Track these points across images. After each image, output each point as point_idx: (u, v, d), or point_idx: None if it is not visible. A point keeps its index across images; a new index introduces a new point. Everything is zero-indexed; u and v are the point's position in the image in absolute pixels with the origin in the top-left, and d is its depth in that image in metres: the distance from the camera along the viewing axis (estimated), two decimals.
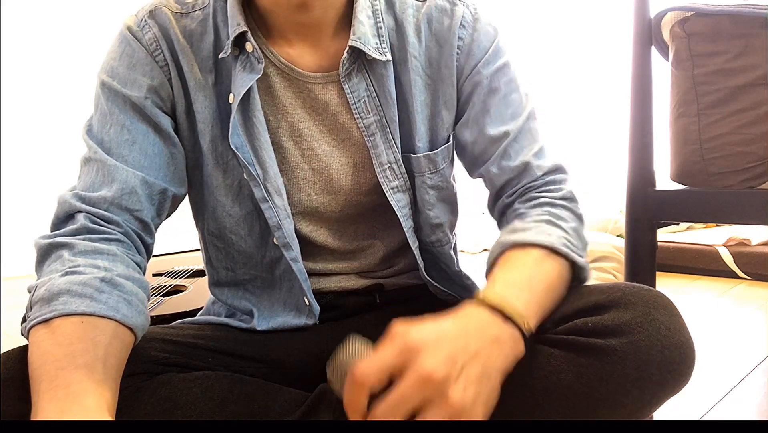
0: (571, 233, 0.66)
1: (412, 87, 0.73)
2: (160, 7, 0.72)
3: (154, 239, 0.72)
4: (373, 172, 0.75)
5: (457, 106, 0.76)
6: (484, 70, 0.74)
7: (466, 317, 0.55)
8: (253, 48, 0.68)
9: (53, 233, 0.64)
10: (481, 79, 0.74)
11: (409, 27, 0.73)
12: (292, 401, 0.66)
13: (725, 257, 2.27)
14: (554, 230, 0.65)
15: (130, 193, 0.67)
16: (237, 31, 0.68)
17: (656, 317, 0.58)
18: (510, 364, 0.55)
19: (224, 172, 0.74)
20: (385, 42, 0.72)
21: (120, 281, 0.60)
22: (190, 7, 0.72)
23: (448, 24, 0.74)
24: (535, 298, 0.59)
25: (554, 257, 0.63)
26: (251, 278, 0.80)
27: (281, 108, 0.73)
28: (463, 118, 0.76)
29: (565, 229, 0.66)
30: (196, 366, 0.68)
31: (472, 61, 0.74)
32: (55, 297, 0.56)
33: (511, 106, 0.75)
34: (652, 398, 0.58)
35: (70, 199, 0.66)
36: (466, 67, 0.74)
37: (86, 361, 0.53)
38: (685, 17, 0.97)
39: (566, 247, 0.64)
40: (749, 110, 0.93)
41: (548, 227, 0.66)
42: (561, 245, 0.63)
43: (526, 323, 0.56)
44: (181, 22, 0.72)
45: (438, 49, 0.74)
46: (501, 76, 0.75)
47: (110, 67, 0.71)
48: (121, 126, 0.69)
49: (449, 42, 0.74)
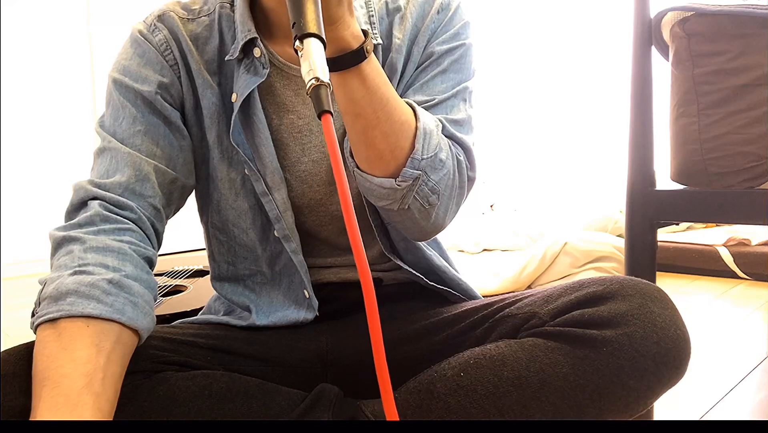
0: (436, 132, 0.67)
1: (397, 71, 0.76)
2: (168, 12, 0.76)
3: (164, 228, 0.73)
4: None
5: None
6: (438, 47, 0.76)
7: None
8: (261, 53, 0.71)
9: (67, 223, 0.66)
10: (432, 52, 0.76)
11: (398, 14, 0.77)
12: (290, 400, 0.66)
13: (725, 257, 2.27)
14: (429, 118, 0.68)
15: (143, 179, 0.69)
16: (248, 37, 0.71)
17: (652, 309, 0.59)
18: None
19: (228, 167, 0.76)
20: (376, 29, 0.75)
21: (127, 283, 0.61)
22: (196, 13, 0.77)
23: (428, 10, 0.77)
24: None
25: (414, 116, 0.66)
26: (252, 273, 0.80)
27: (282, 106, 0.75)
28: (406, 85, 0.77)
29: (433, 128, 0.67)
30: (194, 365, 0.68)
31: (434, 40, 0.77)
32: (62, 297, 0.58)
33: (446, 82, 0.75)
34: (648, 389, 0.59)
35: (86, 185, 0.68)
36: (428, 46, 0.77)
37: (88, 370, 0.54)
38: (685, 17, 0.97)
39: (426, 126, 0.66)
40: (749, 110, 0.93)
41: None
42: (426, 118, 0.66)
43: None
44: (188, 26, 0.76)
45: (414, 32, 0.77)
46: (450, 56, 0.76)
47: (122, 66, 0.74)
48: (133, 118, 0.72)
49: (426, 25, 0.76)
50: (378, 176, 0.66)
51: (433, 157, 0.66)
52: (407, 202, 0.67)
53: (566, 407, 0.59)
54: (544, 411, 0.60)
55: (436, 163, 0.66)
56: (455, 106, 0.74)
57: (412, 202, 0.67)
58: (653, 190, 0.98)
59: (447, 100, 0.74)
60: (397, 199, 0.67)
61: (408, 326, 0.75)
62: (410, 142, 0.65)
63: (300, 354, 0.75)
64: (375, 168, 0.66)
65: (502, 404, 0.61)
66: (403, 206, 0.67)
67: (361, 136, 0.64)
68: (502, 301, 0.71)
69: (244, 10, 0.73)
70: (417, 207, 0.68)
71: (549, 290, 0.68)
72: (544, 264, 2.10)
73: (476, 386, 0.62)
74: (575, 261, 2.11)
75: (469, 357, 0.64)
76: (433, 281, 0.81)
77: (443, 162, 0.67)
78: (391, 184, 0.66)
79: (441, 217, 0.70)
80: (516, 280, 2.08)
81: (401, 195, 0.66)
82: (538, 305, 0.66)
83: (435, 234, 0.73)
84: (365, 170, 0.67)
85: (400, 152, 0.65)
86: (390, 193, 0.66)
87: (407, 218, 0.69)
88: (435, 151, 0.66)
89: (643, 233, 0.99)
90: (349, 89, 0.61)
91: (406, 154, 0.65)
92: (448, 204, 0.70)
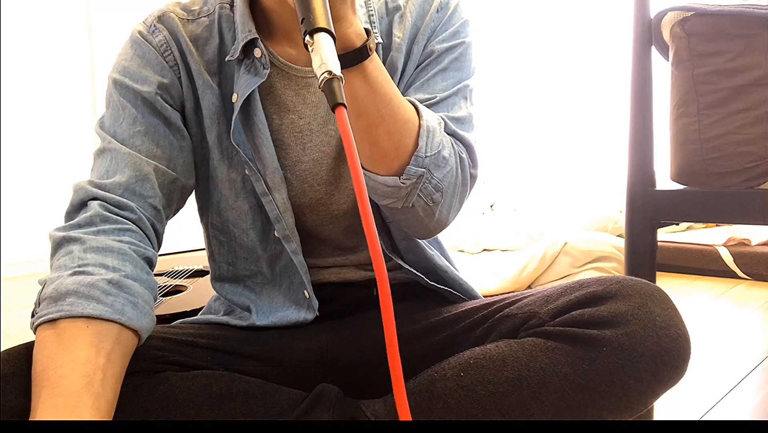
0: (439, 130, 0.68)
1: (397, 69, 0.76)
2: (168, 13, 0.76)
3: (164, 229, 0.73)
4: None
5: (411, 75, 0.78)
6: (438, 46, 0.77)
7: None
8: (262, 54, 0.71)
9: (67, 223, 0.66)
10: (433, 51, 0.77)
11: (397, 13, 0.77)
12: (290, 400, 0.66)
13: (725, 257, 2.27)
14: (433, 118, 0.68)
15: (143, 179, 0.69)
16: (248, 38, 0.71)
17: (652, 309, 0.59)
18: None
19: (229, 167, 0.76)
20: (376, 28, 0.75)
21: (127, 283, 0.61)
22: (195, 14, 0.76)
23: (427, 9, 0.77)
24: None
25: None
26: (252, 274, 0.80)
27: (283, 107, 0.75)
28: (406, 84, 0.78)
29: (436, 125, 0.68)
30: (194, 365, 0.68)
31: (434, 38, 0.77)
32: (62, 297, 0.57)
33: (447, 81, 0.76)
34: (648, 389, 0.59)
35: (86, 186, 0.68)
36: (428, 45, 0.77)
37: (87, 371, 0.54)
38: (685, 17, 0.97)
39: (429, 124, 0.66)
40: (749, 110, 0.93)
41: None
42: (429, 116, 0.67)
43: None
44: (188, 27, 0.75)
45: (414, 30, 0.77)
46: (450, 54, 0.77)
47: (122, 67, 0.74)
48: (133, 118, 0.71)
49: (426, 24, 0.77)
50: (382, 174, 0.66)
51: (436, 155, 0.66)
52: (411, 201, 0.67)
53: (566, 407, 0.59)
54: (544, 411, 0.60)
55: (439, 160, 0.67)
56: (456, 103, 0.75)
57: (416, 200, 0.67)
58: (653, 190, 0.98)
59: (448, 98, 0.74)
60: (401, 198, 0.67)
61: (408, 326, 0.75)
62: (414, 140, 0.65)
63: (300, 354, 0.75)
64: (379, 166, 0.66)
65: (502, 404, 0.61)
66: (407, 204, 0.68)
67: (364, 135, 0.64)
68: (502, 301, 0.71)
69: (244, 10, 0.73)
70: (421, 205, 0.68)
71: (549, 289, 0.68)
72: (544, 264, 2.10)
73: (476, 386, 0.62)
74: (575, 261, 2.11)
75: (469, 357, 0.64)
76: (434, 280, 0.81)
77: (446, 159, 0.67)
78: (395, 183, 0.66)
79: (444, 214, 0.70)
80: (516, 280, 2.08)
81: (405, 193, 0.67)
82: (538, 304, 0.66)
83: (439, 231, 0.74)
84: (369, 169, 0.67)
85: (403, 150, 0.65)
86: (394, 191, 0.67)
87: (411, 216, 0.69)
88: (438, 148, 0.66)
89: (643, 233, 0.99)
90: (353, 87, 0.61)
91: (410, 152, 0.65)
92: (451, 201, 0.70)
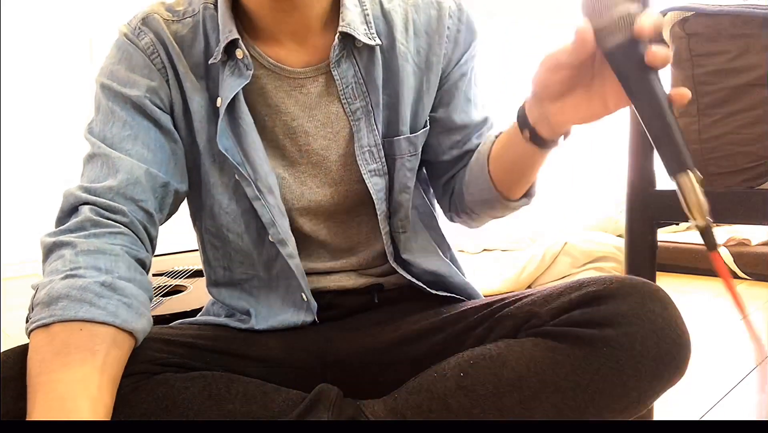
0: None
1: (400, 72, 0.75)
2: (151, 14, 0.74)
3: (157, 233, 0.72)
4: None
5: (438, 91, 0.80)
6: (470, 62, 0.79)
7: None
8: (243, 55, 0.70)
9: (57, 228, 0.65)
10: (467, 69, 0.80)
11: (397, 16, 0.76)
12: (290, 400, 0.66)
13: (725, 257, 2.27)
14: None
15: (134, 183, 0.68)
16: (228, 38, 0.70)
17: (652, 308, 0.59)
18: None
19: (220, 171, 0.75)
20: (372, 28, 0.74)
21: (121, 284, 0.60)
22: (180, 15, 0.74)
23: (435, 15, 0.77)
24: None
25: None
26: (248, 278, 0.80)
27: (275, 108, 0.75)
28: (451, 104, 0.80)
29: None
30: (194, 366, 0.68)
31: (459, 51, 0.79)
32: (54, 301, 0.57)
33: (475, 87, 0.83)
34: (648, 389, 0.59)
35: (76, 191, 0.67)
36: (453, 56, 0.79)
37: (84, 374, 0.54)
38: (685, 17, 0.97)
39: None
40: (749, 110, 0.93)
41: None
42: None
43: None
44: (172, 27, 0.74)
45: (426, 39, 0.77)
46: (475, 67, 0.81)
47: (109, 71, 0.73)
48: (123, 123, 0.70)
49: (438, 32, 0.77)
50: (518, 198, 0.77)
51: None
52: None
53: (566, 407, 0.59)
54: (544, 411, 0.60)
55: None
56: (482, 101, 0.84)
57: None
58: (653, 191, 0.98)
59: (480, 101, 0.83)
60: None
61: (408, 326, 0.75)
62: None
63: (299, 355, 0.75)
64: (518, 194, 0.77)
65: (502, 404, 0.61)
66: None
67: (522, 179, 0.75)
68: (502, 301, 0.71)
69: (225, 10, 0.71)
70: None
71: (549, 289, 0.68)
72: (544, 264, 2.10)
73: (476, 387, 0.62)
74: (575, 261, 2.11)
75: (469, 357, 0.64)
76: (437, 289, 0.81)
77: None
78: (525, 202, 0.78)
79: None
80: (516, 280, 2.08)
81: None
82: (538, 304, 0.66)
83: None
84: (510, 198, 0.77)
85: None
86: (518, 207, 0.79)
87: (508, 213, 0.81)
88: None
89: (643, 233, 0.99)
90: (543, 159, 0.72)
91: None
92: None
